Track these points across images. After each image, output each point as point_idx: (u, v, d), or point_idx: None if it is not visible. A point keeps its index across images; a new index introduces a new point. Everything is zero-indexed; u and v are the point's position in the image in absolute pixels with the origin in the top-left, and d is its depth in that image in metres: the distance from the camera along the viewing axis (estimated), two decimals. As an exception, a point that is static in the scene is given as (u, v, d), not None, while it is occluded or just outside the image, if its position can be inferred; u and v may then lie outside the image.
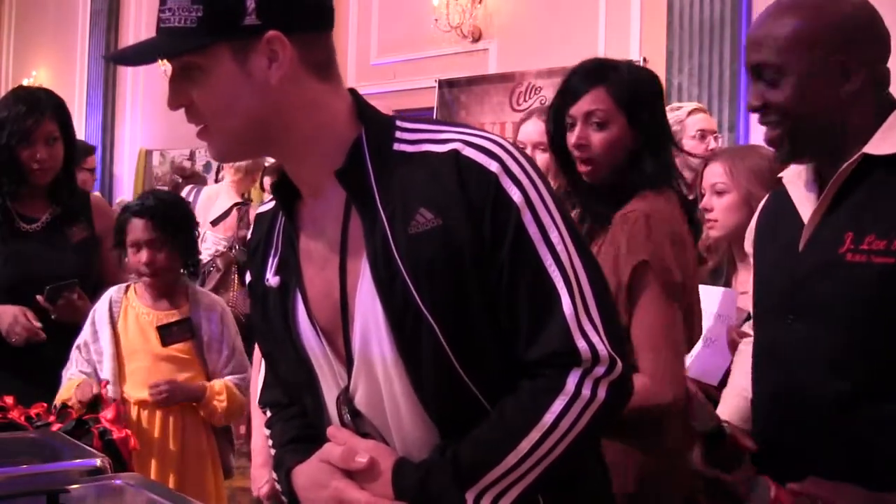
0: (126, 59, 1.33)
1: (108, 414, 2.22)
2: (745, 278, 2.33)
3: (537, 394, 1.23)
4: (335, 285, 1.29)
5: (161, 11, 1.23)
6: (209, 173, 7.94)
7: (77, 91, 10.11)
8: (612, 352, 1.23)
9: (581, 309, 1.23)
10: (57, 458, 1.67)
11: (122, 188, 9.58)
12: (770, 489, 1.53)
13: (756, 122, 1.70)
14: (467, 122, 3.42)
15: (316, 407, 1.36)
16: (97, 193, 3.30)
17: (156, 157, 9.24)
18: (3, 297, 2.67)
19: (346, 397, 1.31)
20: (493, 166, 1.23)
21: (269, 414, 1.49)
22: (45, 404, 2.14)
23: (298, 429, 1.41)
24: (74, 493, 1.45)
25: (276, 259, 1.37)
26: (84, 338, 2.64)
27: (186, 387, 2.63)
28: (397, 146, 1.28)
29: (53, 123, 2.75)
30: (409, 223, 1.23)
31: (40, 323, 2.63)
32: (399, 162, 1.26)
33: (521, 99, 6.12)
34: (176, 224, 2.71)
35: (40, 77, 10.53)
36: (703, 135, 3.46)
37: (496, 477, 1.21)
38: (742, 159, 2.42)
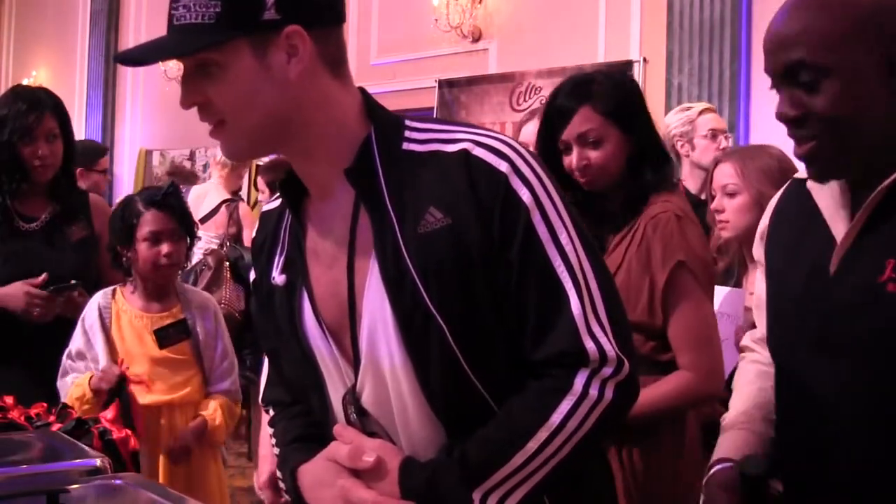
0: (139, 58, 1.31)
1: (109, 414, 2.22)
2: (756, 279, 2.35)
3: (545, 394, 1.23)
4: (343, 284, 1.29)
5: (174, 9, 1.22)
6: (207, 174, 7.94)
7: (77, 91, 10.10)
8: (619, 352, 1.24)
9: (589, 309, 1.23)
10: (57, 458, 1.66)
11: (122, 188, 9.56)
12: None
13: (757, 122, 1.63)
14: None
15: (321, 406, 1.36)
16: (95, 194, 3.28)
17: (156, 157, 9.23)
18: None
19: (352, 396, 1.31)
20: (502, 166, 1.23)
21: (272, 413, 1.49)
22: (45, 404, 2.13)
23: (302, 427, 1.41)
24: (74, 493, 1.45)
25: (282, 257, 1.37)
26: (76, 346, 2.60)
27: (192, 431, 2.62)
28: (406, 146, 1.28)
29: (53, 121, 2.77)
30: (418, 222, 1.23)
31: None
32: (408, 161, 1.26)
33: (521, 99, 6.11)
34: (188, 215, 2.72)
35: (40, 77, 10.52)
36: (714, 134, 3.48)
37: (503, 477, 1.21)
38: (752, 159, 2.42)
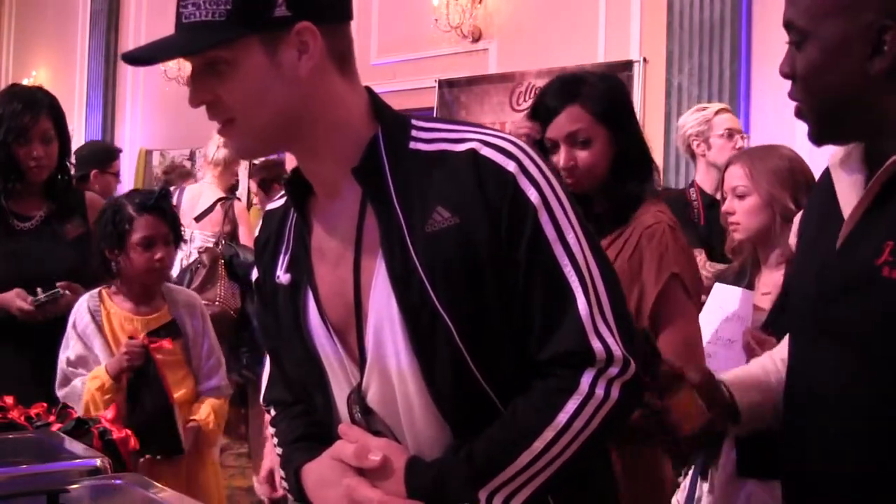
0: (148, 57, 1.30)
1: (109, 414, 2.22)
2: (768, 279, 2.36)
3: (551, 393, 1.23)
4: (349, 283, 1.28)
5: (182, 7, 1.21)
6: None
7: (77, 91, 10.10)
8: (625, 352, 1.24)
9: (596, 309, 1.23)
10: (57, 458, 1.66)
11: (123, 188, 9.57)
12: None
13: (757, 122, 1.64)
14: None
15: (325, 405, 1.36)
16: (92, 192, 3.28)
17: (156, 157, 9.23)
18: None
19: (358, 395, 1.31)
20: (510, 166, 1.23)
21: (273, 412, 1.49)
22: (45, 404, 2.13)
23: (304, 427, 1.41)
24: (74, 493, 1.45)
25: (286, 256, 1.36)
26: (75, 352, 2.57)
27: (188, 436, 2.60)
28: (413, 145, 1.28)
29: (49, 121, 2.76)
30: (426, 221, 1.23)
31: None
32: (415, 161, 1.26)
33: (521, 99, 6.11)
34: (178, 219, 2.72)
35: (40, 77, 10.52)
36: (730, 133, 3.48)
37: (509, 476, 1.21)
38: (762, 160, 2.40)
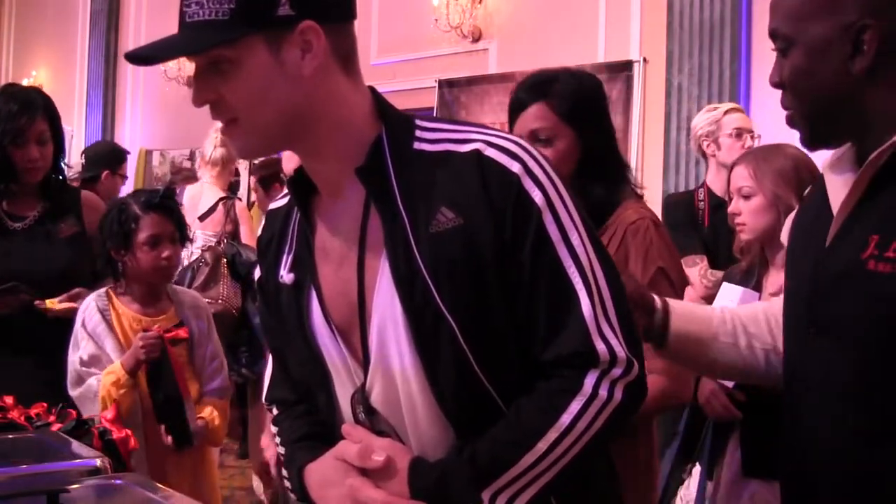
0: (151, 56, 1.29)
1: (109, 414, 2.22)
2: (776, 279, 2.37)
3: (554, 394, 1.23)
4: (352, 283, 1.28)
5: (186, 6, 1.21)
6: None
7: (77, 91, 10.10)
8: (629, 353, 1.24)
9: (600, 311, 1.23)
10: (57, 458, 1.66)
11: (122, 188, 9.57)
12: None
13: (757, 123, 1.66)
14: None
15: (328, 405, 1.36)
16: (88, 192, 3.27)
17: (156, 157, 9.23)
18: None
19: (361, 395, 1.31)
20: (514, 167, 1.23)
21: (275, 411, 1.49)
22: (45, 404, 2.13)
23: (307, 426, 1.41)
24: (74, 493, 1.45)
25: (290, 256, 1.36)
26: (88, 352, 2.55)
27: (198, 433, 2.59)
28: (417, 145, 1.28)
29: (44, 123, 2.76)
30: (430, 222, 1.23)
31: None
32: (419, 161, 1.26)
33: (521, 99, 6.11)
34: (183, 217, 2.71)
35: (40, 77, 10.52)
36: (739, 133, 3.47)
37: (512, 477, 1.21)
38: (766, 161, 2.42)
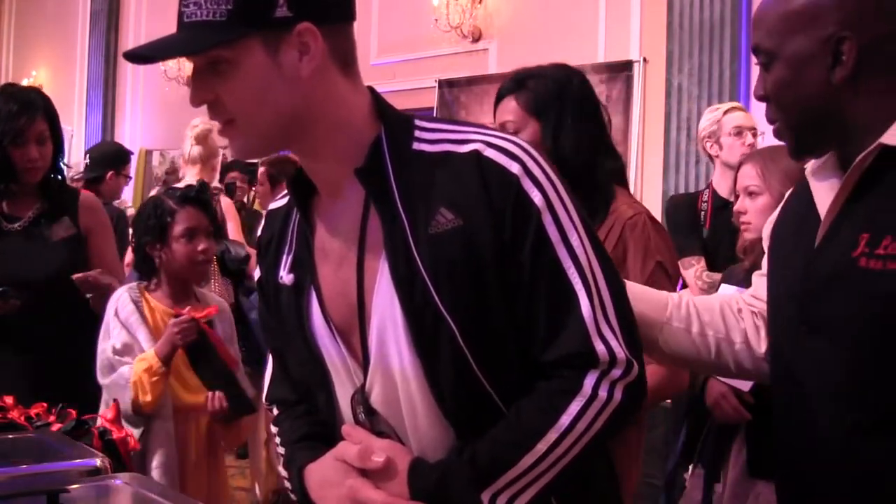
0: (149, 56, 1.29)
1: (109, 414, 2.21)
2: None
3: (554, 395, 1.23)
4: (352, 284, 1.28)
5: (184, 6, 1.21)
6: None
7: (77, 91, 10.11)
8: (628, 354, 1.23)
9: (599, 311, 1.23)
10: (57, 458, 1.66)
11: (126, 188, 9.57)
12: None
13: (757, 123, 1.67)
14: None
15: (328, 405, 1.36)
16: (87, 192, 3.26)
17: (156, 157, 9.23)
18: None
19: (361, 396, 1.31)
20: (514, 168, 1.23)
21: (275, 411, 1.49)
22: (45, 404, 2.13)
23: (308, 426, 1.40)
24: (74, 493, 1.45)
25: (290, 256, 1.36)
26: (121, 340, 2.53)
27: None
28: (417, 146, 1.28)
29: (44, 123, 2.76)
30: (429, 223, 1.23)
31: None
32: (419, 162, 1.26)
33: (521, 99, 6.11)
34: (216, 212, 2.71)
35: (40, 77, 10.53)
36: (739, 131, 3.47)
37: (512, 478, 1.21)
38: (773, 160, 2.43)
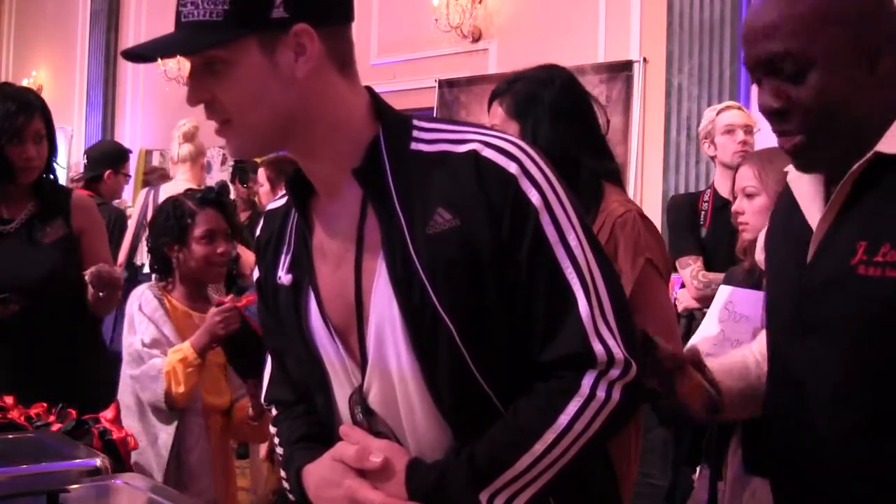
0: (145, 54, 1.30)
1: (109, 414, 2.22)
2: None
3: (552, 395, 1.23)
4: (350, 284, 1.28)
5: (182, 5, 1.21)
6: (210, 173, 7.93)
7: (77, 91, 10.11)
8: (627, 354, 1.23)
9: (597, 311, 1.23)
10: (57, 458, 1.67)
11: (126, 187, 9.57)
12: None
13: (757, 123, 1.64)
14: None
15: (326, 405, 1.36)
16: (80, 193, 3.25)
17: (156, 157, 9.23)
18: None
19: (359, 396, 1.30)
20: (512, 168, 1.23)
21: (274, 412, 1.49)
22: (45, 404, 2.13)
23: (307, 427, 1.40)
24: (74, 493, 1.45)
25: (288, 257, 1.36)
26: (150, 335, 2.51)
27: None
28: (414, 146, 1.28)
29: (41, 122, 2.77)
30: (427, 223, 1.23)
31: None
32: (416, 162, 1.26)
33: (521, 99, 6.11)
34: (234, 214, 2.71)
35: (40, 77, 10.53)
36: (730, 130, 3.48)
37: (510, 478, 1.21)
38: (770, 161, 2.44)
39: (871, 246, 1.27)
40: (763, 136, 3.55)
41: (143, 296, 2.60)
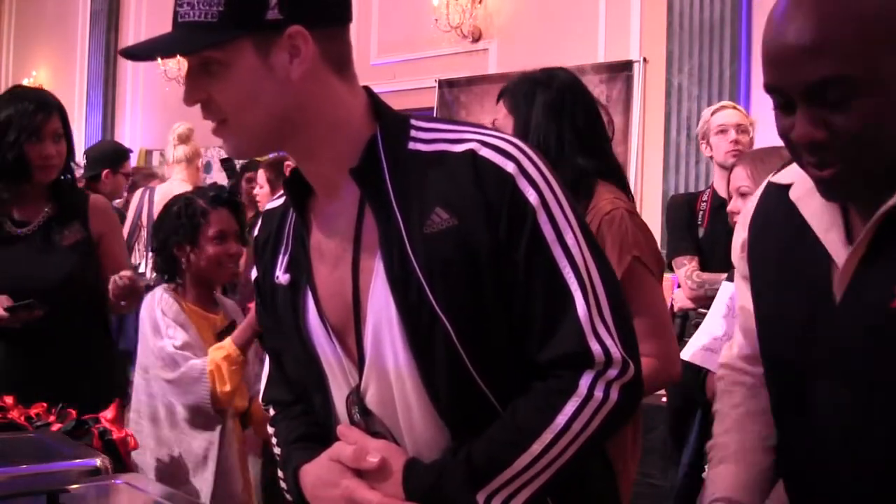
0: (143, 54, 1.31)
1: (109, 414, 2.22)
2: None
3: (550, 395, 1.23)
4: (347, 284, 1.28)
5: (178, 6, 1.21)
6: (209, 173, 7.93)
7: (77, 91, 10.10)
8: (624, 354, 1.23)
9: (595, 311, 1.23)
10: (57, 458, 1.66)
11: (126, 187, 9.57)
12: None
13: (757, 123, 1.58)
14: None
15: (324, 405, 1.36)
16: (97, 195, 3.26)
17: (156, 157, 9.23)
18: None
19: (356, 396, 1.30)
20: (509, 167, 1.22)
21: (272, 412, 1.49)
22: (45, 404, 2.13)
23: (304, 427, 1.40)
24: (74, 493, 1.45)
25: (286, 256, 1.36)
26: (182, 338, 2.45)
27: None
28: (412, 145, 1.27)
29: (59, 121, 2.78)
30: (424, 223, 1.22)
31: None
32: (414, 161, 1.26)
33: (521, 99, 6.11)
34: (245, 215, 2.70)
35: (40, 77, 10.53)
36: (722, 129, 3.50)
37: (507, 478, 1.21)
38: (762, 161, 2.51)
39: None
40: (763, 136, 3.56)
41: (163, 300, 2.54)
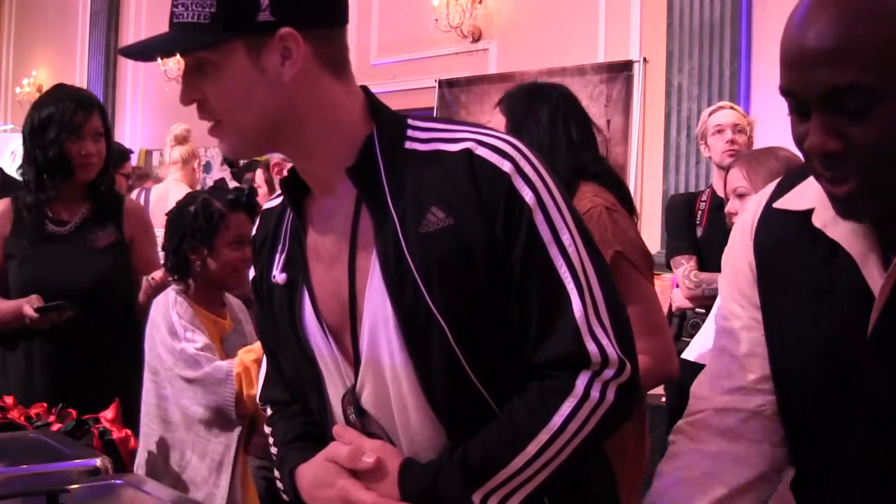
0: (140, 53, 1.31)
1: (109, 414, 2.22)
2: None
3: (546, 395, 1.22)
4: (344, 284, 1.28)
5: (174, 6, 1.22)
6: (210, 173, 7.94)
7: (77, 91, 10.11)
8: (621, 354, 1.23)
9: (591, 311, 1.22)
10: (57, 458, 1.67)
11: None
12: None
13: (757, 123, 1.56)
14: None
15: (320, 405, 1.36)
16: (132, 199, 3.27)
17: (156, 157, 9.23)
18: (20, 298, 2.66)
19: (352, 396, 1.30)
20: (505, 166, 1.22)
21: (269, 412, 1.49)
22: (45, 404, 2.14)
23: (301, 427, 1.40)
24: (74, 493, 1.45)
25: (283, 256, 1.36)
26: (203, 340, 2.41)
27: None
28: (409, 145, 1.27)
29: (99, 120, 2.80)
30: (420, 222, 1.22)
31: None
32: (411, 161, 1.26)
33: (521, 99, 6.11)
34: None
35: (40, 77, 10.53)
36: (719, 130, 3.53)
37: (503, 479, 1.21)
38: (758, 162, 2.54)
39: None
40: (763, 136, 3.56)
41: (176, 303, 2.49)
